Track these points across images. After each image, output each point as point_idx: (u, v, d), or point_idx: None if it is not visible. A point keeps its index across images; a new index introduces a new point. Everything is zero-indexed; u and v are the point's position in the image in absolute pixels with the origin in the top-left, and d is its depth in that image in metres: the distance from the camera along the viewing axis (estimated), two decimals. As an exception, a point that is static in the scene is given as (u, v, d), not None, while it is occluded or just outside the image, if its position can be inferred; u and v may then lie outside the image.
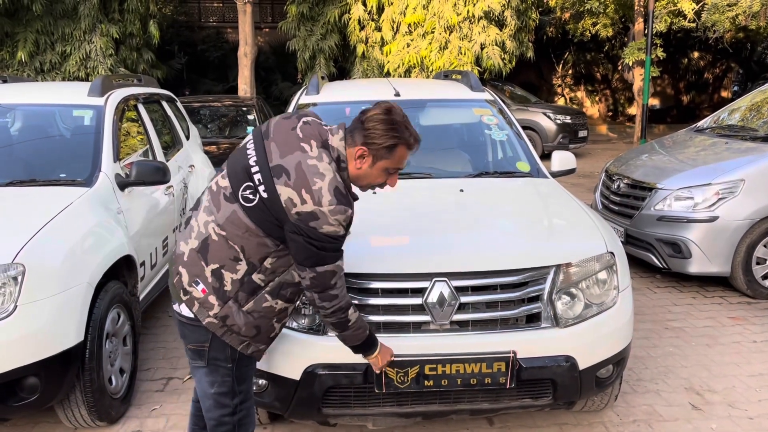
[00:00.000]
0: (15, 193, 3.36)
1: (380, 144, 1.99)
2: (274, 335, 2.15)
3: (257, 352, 2.13)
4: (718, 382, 3.56)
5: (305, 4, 12.81)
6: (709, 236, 4.79)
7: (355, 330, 2.10)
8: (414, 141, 2.04)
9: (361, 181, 2.07)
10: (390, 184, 2.10)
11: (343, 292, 2.04)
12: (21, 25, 11.53)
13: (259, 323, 2.06)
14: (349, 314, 2.06)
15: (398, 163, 2.04)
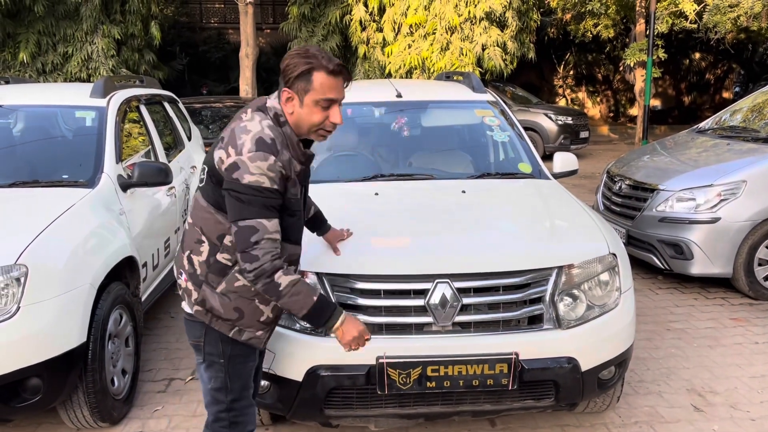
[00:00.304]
0: (18, 194, 3.36)
1: (295, 75, 1.91)
2: (265, 319, 2.07)
3: (254, 338, 2.07)
4: (719, 384, 3.56)
5: (307, 5, 12.82)
6: (710, 237, 4.79)
7: (292, 296, 1.90)
8: (331, 64, 1.91)
9: (303, 127, 1.97)
10: (332, 119, 1.96)
11: (268, 257, 1.87)
12: (23, 26, 11.56)
13: (238, 305, 2.02)
14: (276, 278, 1.88)
15: (325, 92, 1.91)
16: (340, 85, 1.95)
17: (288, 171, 1.93)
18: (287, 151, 1.95)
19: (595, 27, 14.90)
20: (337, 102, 1.96)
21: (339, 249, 2.62)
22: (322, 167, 3.84)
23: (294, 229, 2.05)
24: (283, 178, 1.91)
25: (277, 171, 1.88)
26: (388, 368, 2.42)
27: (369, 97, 4.40)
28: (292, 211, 1.98)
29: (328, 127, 1.98)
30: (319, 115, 1.95)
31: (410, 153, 3.98)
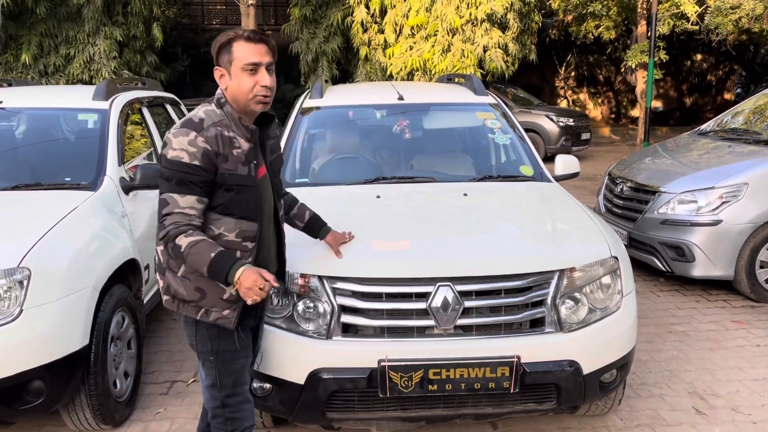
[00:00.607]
0: (21, 197, 3.37)
1: (217, 50, 2.04)
2: (228, 297, 2.08)
3: (222, 318, 2.10)
4: (721, 387, 3.56)
5: (308, 6, 12.83)
6: (712, 240, 4.79)
7: (192, 255, 1.96)
8: (248, 32, 2.03)
9: (240, 99, 2.05)
10: (261, 83, 2.02)
11: (172, 226, 1.97)
12: (25, 27, 11.57)
13: (198, 284, 2.07)
14: (178, 241, 1.97)
15: (247, 57, 2.00)
16: (262, 50, 2.03)
17: (216, 147, 1.99)
18: (226, 130, 2.03)
19: (597, 28, 14.89)
20: (263, 66, 2.02)
21: (341, 252, 2.62)
22: (324, 170, 3.86)
23: (238, 205, 2.07)
24: (209, 154, 1.98)
25: (198, 147, 1.96)
26: (390, 371, 2.42)
27: (370, 100, 4.41)
28: (229, 185, 2.03)
29: (260, 91, 2.03)
30: (247, 81, 2.02)
31: (412, 156, 3.99)
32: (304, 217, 2.63)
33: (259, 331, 2.47)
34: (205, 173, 1.98)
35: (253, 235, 2.11)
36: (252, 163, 2.09)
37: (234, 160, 2.03)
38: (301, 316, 2.55)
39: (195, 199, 1.99)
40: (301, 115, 4.12)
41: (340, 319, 2.51)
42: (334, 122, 4.23)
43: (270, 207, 2.22)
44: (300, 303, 2.56)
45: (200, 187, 1.99)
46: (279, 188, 2.33)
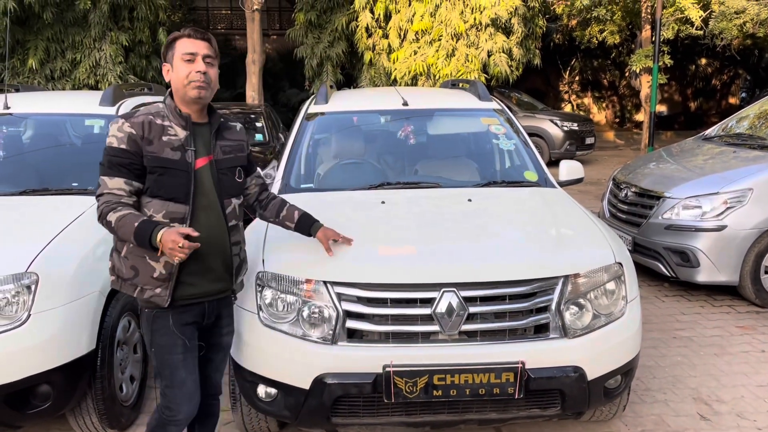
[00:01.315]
0: (28, 202, 3.40)
1: (166, 48, 2.29)
2: (158, 275, 2.21)
3: (155, 296, 2.23)
4: (726, 392, 3.56)
5: (313, 11, 12.88)
6: (717, 245, 4.79)
7: (120, 228, 2.14)
8: (188, 30, 2.26)
9: (179, 87, 2.25)
10: (195, 69, 2.22)
11: (103, 205, 2.17)
12: (32, 33, 11.65)
13: (134, 263, 2.24)
14: (108, 218, 2.16)
15: (185, 48, 2.23)
16: (201, 45, 2.25)
17: (141, 132, 2.19)
18: (161, 119, 2.24)
19: (601, 33, 14.92)
20: (199, 56, 2.24)
21: (331, 249, 2.64)
22: (329, 175, 3.87)
23: (162, 186, 2.22)
24: (134, 138, 2.19)
25: (125, 132, 2.19)
26: (395, 376, 2.43)
27: (375, 105, 4.43)
28: (152, 167, 2.20)
29: (194, 77, 2.22)
30: (184, 68, 2.23)
31: (416, 161, 4.00)
32: (293, 218, 2.66)
33: (217, 337, 2.48)
34: (131, 155, 2.18)
35: (181, 217, 2.22)
36: (188, 150, 2.25)
37: (161, 145, 2.21)
38: (306, 321, 2.56)
39: (123, 181, 2.19)
40: (306, 120, 4.14)
41: (345, 325, 2.52)
42: (339, 128, 4.25)
43: (209, 199, 2.30)
44: (305, 308, 2.57)
45: (128, 169, 2.19)
46: (229, 187, 2.38)
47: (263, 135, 8.77)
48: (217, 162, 2.34)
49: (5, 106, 3.98)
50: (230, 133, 2.45)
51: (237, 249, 2.41)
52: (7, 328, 2.59)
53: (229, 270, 2.38)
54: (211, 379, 2.53)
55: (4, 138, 4.01)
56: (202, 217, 2.27)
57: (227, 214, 2.35)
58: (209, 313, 2.37)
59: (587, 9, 12.99)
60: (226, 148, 2.39)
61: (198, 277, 2.27)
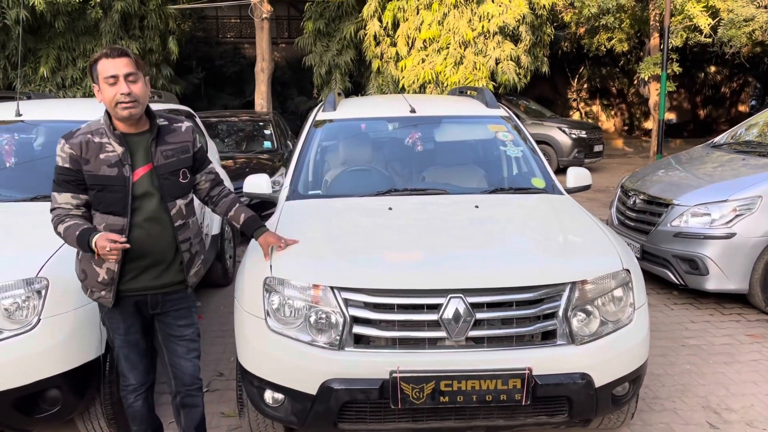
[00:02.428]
0: (39, 208, 3.41)
1: (90, 70, 2.40)
2: (102, 279, 2.42)
3: (101, 298, 2.47)
4: (736, 401, 3.53)
5: (322, 20, 12.97)
6: (726, 253, 4.76)
7: (67, 237, 2.36)
8: (107, 50, 2.36)
9: (110, 106, 2.37)
10: (120, 91, 2.32)
11: (55, 218, 2.41)
12: (44, 41, 11.78)
13: (83, 267, 2.46)
14: (58, 229, 2.39)
15: (106, 71, 2.33)
16: (121, 63, 2.34)
17: (80, 152, 2.36)
18: (98, 137, 2.39)
19: (609, 41, 14.88)
20: (121, 76, 2.33)
21: (269, 255, 2.72)
22: (337, 182, 3.89)
23: (101, 201, 2.40)
24: (75, 158, 2.36)
25: (65, 152, 2.37)
26: (402, 382, 2.43)
27: (383, 113, 4.45)
28: (91, 185, 2.38)
29: (120, 99, 2.33)
30: (110, 91, 2.34)
31: (424, 168, 4.01)
32: (239, 219, 2.76)
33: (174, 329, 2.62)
34: (74, 173, 2.37)
35: (119, 228, 2.39)
36: (125, 164, 2.39)
37: (98, 163, 2.37)
38: (313, 326, 2.57)
39: (70, 196, 2.39)
40: (314, 127, 4.17)
41: (351, 330, 2.53)
42: (346, 135, 4.27)
43: (151, 206, 2.44)
44: (312, 314, 2.58)
45: (74, 185, 2.38)
46: (173, 190, 2.50)
47: (271, 142, 8.82)
48: (157, 168, 2.46)
49: (17, 114, 4.03)
50: (173, 136, 2.54)
51: (186, 245, 2.55)
52: (17, 333, 2.62)
53: (180, 266, 2.54)
54: (183, 370, 2.64)
55: (16, 145, 4.06)
56: (145, 223, 2.43)
57: (172, 216, 2.49)
58: (152, 304, 2.54)
59: (595, 17, 12.96)
60: (167, 153, 2.50)
61: (137, 275, 2.46)
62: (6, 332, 2.61)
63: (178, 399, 2.68)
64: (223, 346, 4.28)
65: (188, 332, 2.64)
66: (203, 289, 5.37)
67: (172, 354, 2.63)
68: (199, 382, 2.70)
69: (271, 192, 3.81)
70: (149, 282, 2.50)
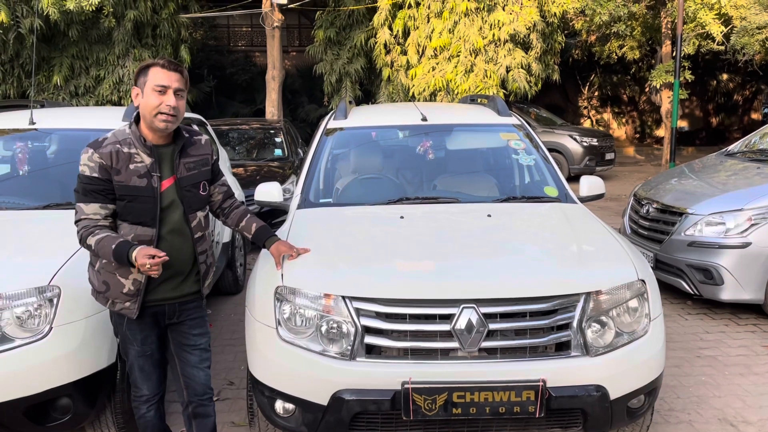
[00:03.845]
0: (52, 216, 3.44)
1: (138, 73, 2.40)
2: (127, 291, 2.40)
3: (124, 309, 2.43)
4: (752, 413, 3.47)
5: (332, 28, 13.02)
6: (741, 262, 4.71)
7: (101, 250, 2.31)
8: (163, 61, 2.38)
9: (146, 114, 2.37)
10: (166, 102, 2.34)
11: (83, 230, 2.35)
12: (57, 50, 11.90)
13: (105, 278, 2.43)
14: (88, 241, 2.34)
15: (158, 80, 2.35)
16: (174, 77, 2.37)
17: (110, 161, 2.34)
18: (127, 147, 2.38)
19: (621, 48, 14.84)
20: (171, 89, 2.35)
21: (280, 264, 2.71)
22: (348, 190, 3.88)
23: (131, 212, 2.39)
24: (104, 167, 2.34)
25: (95, 161, 2.33)
26: (414, 393, 2.41)
27: (394, 121, 4.44)
28: (121, 195, 2.37)
29: (164, 109, 2.34)
30: (155, 99, 2.34)
31: (435, 176, 4.00)
32: (251, 229, 2.78)
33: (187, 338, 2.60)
34: (103, 183, 2.34)
35: (148, 239, 2.39)
36: (154, 175, 2.40)
37: (128, 173, 2.36)
38: (324, 336, 2.56)
39: (98, 206, 2.36)
40: (325, 135, 4.16)
41: (363, 340, 2.51)
42: (357, 143, 4.27)
43: (175, 217, 2.45)
44: (323, 323, 2.56)
45: (102, 195, 2.35)
46: (193, 202, 2.52)
47: (282, 150, 8.84)
48: (180, 180, 2.48)
49: (31, 122, 4.05)
50: (194, 148, 2.56)
51: (203, 257, 2.57)
52: (29, 341, 2.62)
53: (197, 277, 2.56)
54: (195, 380, 2.62)
55: (30, 153, 4.08)
56: (168, 235, 2.44)
57: (192, 228, 2.51)
58: (169, 313, 2.54)
59: (606, 24, 12.92)
60: (189, 165, 2.52)
61: (158, 285, 2.45)
62: (18, 340, 2.61)
63: (190, 409, 2.66)
64: (234, 355, 4.27)
65: (202, 341, 2.64)
66: (213, 297, 5.37)
67: (185, 363, 2.62)
68: (211, 391, 2.69)
69: (282, 200, 3.81)
70: (168, 293, 2.50)
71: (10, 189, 3.90)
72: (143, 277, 2.39)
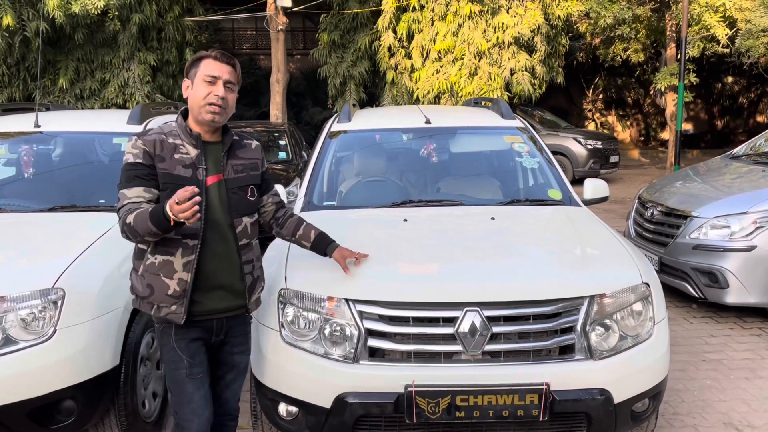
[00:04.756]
0: (56, 218, 3.45)
1: (190, 65, 2.32)
2: (172, 292, 2.24)
3: (171, 314, 2.26)
4: (758, 417, 3.45)
5: (336, 31, 13.05)
6: (746, 266, 4.69)
7: (138, 223, 2.13)
8: (214, 52, 2.31)
9: (195, 106, 2.28)
10: (215, 92, 2.26)
11: (124, 213, 2.19)
12: (63, 53, 11.96)
13: (149, 281, 2.27)
14: (127, 221, 2.16)
15: (209, 70, 2.27)
16: (225, 69, 2.30)
17: (153, 148, 2.24)
18: (172, 138, 2.29)
19: (625, 51, 14.83)
20: (221, 80, 2.28)
21: (348, 268, 2.62)
22: (351, 193, 3.88)
23: None
24: (148, 153, 2.24)
25: (139, 148, 2.25)
26: (417, 397, 2.40)
27: (398, 123, 4.44)
28: (164, 183, 2.24)
29: (212, 99, 2.26)
30: (204, 89, 2.26)
31: (439, 179, 4.00)
32: (310, 237, 2.65)
33: (227, 356, 2.46)
34: (147, 168, 2.24)
35: (193, 233, 2.23)
36: (200, 168, 2.29)
37: (173, 162, 2.25)
38: (327, 339, 2.56)
39: (141, 189, 2.22)
40: (329, 138, 4.17)
41: (366, 343, 2.51)
42: (361, 145, 4.27)
43: (219, 215, 2.31)
44: (327, 326, 2.56)
45: (145, 179, 2.23)
46: (240, 206, 2.38)
47: (286, 153, 8.86)
48: (227, 181, 2.35)
49: (36, 125, 4.07)
50: (244, 151, 2.45)
51: (249, 267, 2.40)
52: (33, 343, 2.62)
53: (241, 289, 2.38)
54: (224, 398, 2.50)
55: (35, 155, 4.10)
56: (211, 234, 2.29)
57: (237, 233, 2.35)
58: (217, 330, 2.37)
59: (611, 27, 12.91)
60: (237, 167, 2.39)
61: (204, 294, 2.29)
62: (22, 343, 2.61)
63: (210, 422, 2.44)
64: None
65: (243, 361, 2.51)
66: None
67: (219, 381, 2.47)
68: (237, 410, 2.58)
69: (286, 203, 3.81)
70: (215, 303, 2.32)
71: (15, 191, 3.92)
72: (189, 276, 2.23)
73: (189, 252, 2.24)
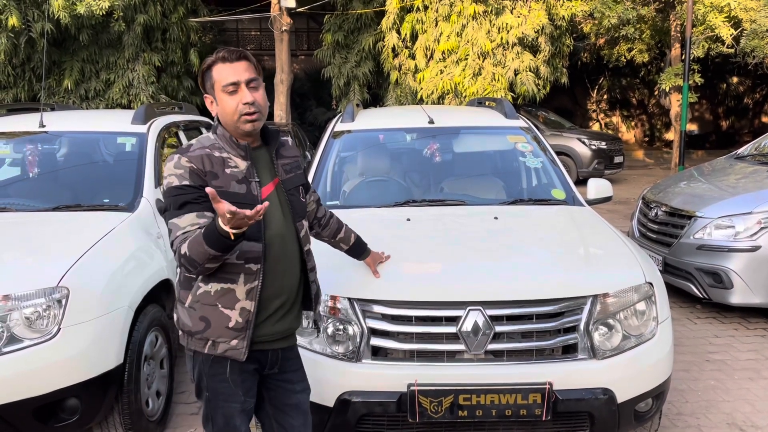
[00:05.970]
0: (61, 217, 3.47)
1: (202, 77, 2.03)
2: (234, 325, 1.96)
3: (231, 350, 1.97)
4: (762, 418, 3.44)
5: (340, 32, 13.07)
6: (751, 266, 4.67)
7: (194, 250, 1.84)
8: (223, 53, 2.00)
9: (228, 121, 1.99)
10: (242, 100, 1.95)
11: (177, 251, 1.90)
12: (68, 54, 12.01)
13: (203, 313, 1.97)
14: (182, 251, 1.87)
15: (225, 78, 1.96)
16: (240, 68, 1.98)
17: (202, 165, 1.94)
18: (218, 151, 1.99)
19: (629, 52, 14.79)
20: (242, 83, 1.97)
21: (378, 272, 2.63)
22: (355, 192, 3.89)
23: None
24: (196, 172, 1.93)
25: (184, 167, 1.93)
26: (420, 396, 2.41)
27: (401, 123, 4.44)
28: None
29: (243, 109, 1.97)
30: (230, 102, 1.97)
31: (442, 178, 4.00)
32: (349, 241, 2.58)
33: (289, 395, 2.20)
34: (197, 190, 1.91)
35: (256, 256, 1.97)
36: (252, 181, 2.01)
37: (226, 178, 1.96)
38: (330, 338, 2.56)
39: (194, 215, 1.91)
40: (333, 138, 4.17)
41: (369, 342, 2.51)
42: (365, 145, 4.27)
43: (280, 226, 2.05)
44: (329, 325, 2.56)
45: (197, 203, 1.91)
46: (299, 208, 2.16)
47: (290, 153, 8.86)
48: (284, 183, 2.12)
49: (41, 125, 4.09)
50: (285, 149, 2.20)
51: (313, 275, 2.19)
52: (37, 342, 2.63)
53: (301, 307, 2.17)
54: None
55: (40, 155, 4.12)
56: (276, 250, 2.03)
57: (301, 239, 2.13)
58: (271, 361, 2.11)
59: (615, 28, 12.88)
60: (287, 167, 2.16)
61: (269, 317, 2.04)
62: (27, 341, 2.63)
63: None
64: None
65: (304, 399, 2.23)
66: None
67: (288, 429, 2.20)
68: None
69: None
70: (275, 325, 2.06)
71: (20, 191, 3.93)
72: (253, 306, 1.96)
73: (252, 278, 1.97)
